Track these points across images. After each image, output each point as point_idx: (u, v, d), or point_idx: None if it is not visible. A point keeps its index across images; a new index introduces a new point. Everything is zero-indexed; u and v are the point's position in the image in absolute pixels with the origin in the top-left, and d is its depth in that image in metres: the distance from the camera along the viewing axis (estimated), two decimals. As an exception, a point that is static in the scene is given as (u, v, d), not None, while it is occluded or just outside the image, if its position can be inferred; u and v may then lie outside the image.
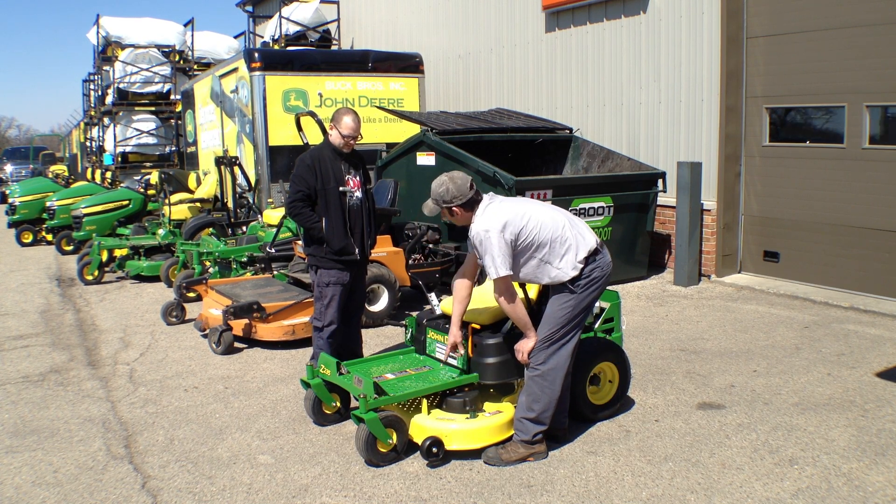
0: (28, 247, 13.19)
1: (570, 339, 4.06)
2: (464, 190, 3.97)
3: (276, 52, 13.58)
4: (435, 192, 4.02)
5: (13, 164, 29.32)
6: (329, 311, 5.10)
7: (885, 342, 6.14)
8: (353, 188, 5.13)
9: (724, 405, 4.85)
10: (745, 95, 8.54)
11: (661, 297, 7.97)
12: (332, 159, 5.09)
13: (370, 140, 11.40)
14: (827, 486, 3.75)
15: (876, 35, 7.29)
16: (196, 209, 11.25)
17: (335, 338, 5.17)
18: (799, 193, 8.13)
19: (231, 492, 3.85)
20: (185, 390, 5.39)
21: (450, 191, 3.96)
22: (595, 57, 10.16)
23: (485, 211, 3.97)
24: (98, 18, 18.33)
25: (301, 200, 5.04)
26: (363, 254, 5.22)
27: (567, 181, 8.53)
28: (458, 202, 3.97)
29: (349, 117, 5.04)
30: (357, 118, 5.09)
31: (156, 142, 18.78)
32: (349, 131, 5.02)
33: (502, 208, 3.97)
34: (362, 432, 4.01)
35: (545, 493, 3.74)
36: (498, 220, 3.88)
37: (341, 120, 5.03)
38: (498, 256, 3.83)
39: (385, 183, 7.82)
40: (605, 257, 4.13)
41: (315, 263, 5.17)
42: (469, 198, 3.98)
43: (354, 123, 5.04)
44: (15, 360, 6.23)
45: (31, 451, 4.38)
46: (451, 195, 3.96)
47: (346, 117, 5.04)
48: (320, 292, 5.15)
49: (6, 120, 72.22)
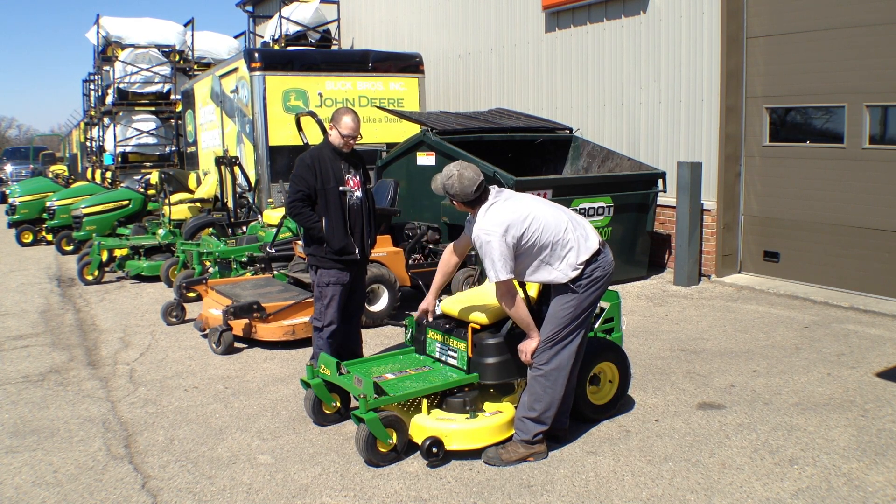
0: (28, 247, 13.19)
1: (573, 340, 4.05)
2: (468, 192, 3.96)
3: (276, 52, 13.58)
4: (443, 183, 4.02)
5: (13, 164, 29.32)
6: (329, 311, 5.10)
7: (885, 342, 6.14)
8: (353, 188, 5.13)
9: (724, 405, 4.85)
10: (745, 95, 8.54)
11: (661, 297, 7.97)
12: (332, 159, 5.09)
13: (370, 140, 11.40)
14: (827, 486, 3.75)
15: (876, 35, 7.29)
16: (196, 209, 11.25)
17: (335, 338, 5.16)
18: (799, 193, 8.13)
19: (231, 492, 3.85)
20: (185, 390, 5.39)
21: (454, 186, 3.96)
22: (595, 57, 10.17)
23: (488, 211, 3.95)
24: (98, 18, 18.34)
25: (301, 200, 5.04)
26: (363, 253, 5.21)
27: (567, 181, 8.53)
28: (459, 199, 3.99)
29: (349, 117, 5.04)
30: (357, 118, 5.08)
31: (156, 142, 18.78)
32: (349, 131, 5.03)
33: (506, 208, 3.94)
34: (362, 432, 4.01)
35: (545, 493, 3.74)
36: (500, 224, 3.87)
37: (341, 120, 5.04)
38: (498, 261, 3.83)
39: (385, 183, 7.82)
40: (608, 257, 4.12)
41: (315, 263, 5.17)
42: (471, 200, 3.98)
43: (354, 123, 5.04)
44: (15, 360, 6.23)
45: (31, 451, 4.38)
46: (454, 190, 3.97)
47: (345, 117, 5.04)
48: (320, 292, 5.15)
49: (6, 120, 72.27)
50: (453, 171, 4.00)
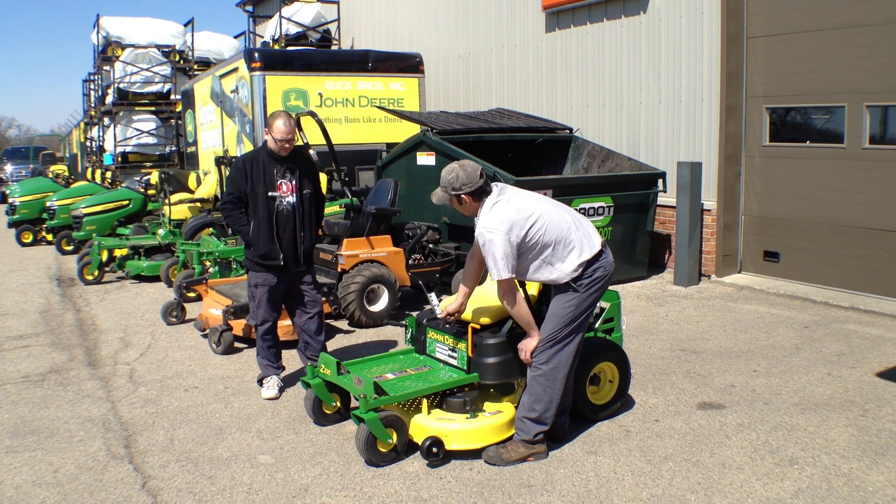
0: (28, 247, 13.19)
1: (572, 340, 4.05)
2: (473, 177, 3.94)
3: (276, 52, 13.58)
4: (444, 179, 3.99)
5: (13, 164, 29.31)
6: (260, 310, 5.18)
7: (885, 342, 6.14)
8: (285, 193, 5.06)
9: (725, 405, 4.85)
10: (745, 95, 8.54)
11: (661, 297, 7.97)
12: (267, 163, 5.03)
13: (370, 140, 11.45)
14: (827, 486, 3.75)
15: (876, 35, 7.29)
16: (196, 209, 11.24)
17: (271, 333, 5.25)
18: (799, 193, 8.13)
19: (231, 492, 3.85)
20: (186, 390, 5.39)
21: (459, 177, 3.93)
22: (595, 57, 10.17)
23: (492, 208, 3.93)
24: (98, 18, 18.35)
25: (231, 203, 5.09)
26: (295, 260, 5.12)
27: (567, 181, 8.53)
28: (468, 189, 3.93)
29: (281, 121, 4.96)
30: (289, 120, 5.00)
31: (156, 142, 18.79)
32: (281, 135, 4.94)
33: (510, 207, 3.92)
34: (362, 432, 4.01)
35: (545, 493, 3.74)
36: (504, 222, 3.85)
37: (273, 124, 4.97)
38: (501, 259, 3.82)
39: (385, 183, 7.82)
40: (608, 257, 4.12)
41: (245, 265, 5.27)
42: (478, 186, 3.94)
43: (286, 127, 4.95)
44: (15, 360, 6.23)
45: (31, 451, 4.38)
46: (460, 182, 3.93)
47: (277, 121, 4.96)
48: (251, 293, 5.23)
49: (6, 120, 72.32)
50: (453, 165, 4.01)
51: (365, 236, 7.22)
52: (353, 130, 11.47)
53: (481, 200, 3.98)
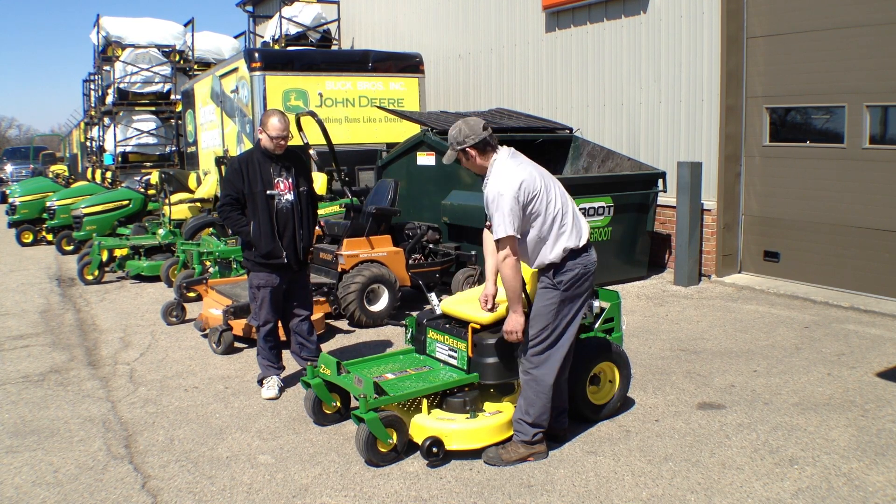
0: (28, 247, 13.20)
1: (559, 345, 4.02)
2: (477, 129, 3.94)
3: (276, 52, 13.58)
4: (450, 136, 4.02)
5: (13, 164, 29.32)
6: (262, 311, 5.18)
7: (885, 342, 6.14)
8: (283, 191, 5.07)
9: (725, 405, 4.85)
10: (745, 95, 8.54)
11: (661, 297, 7.97)
12: (262, 162, 5.04)
13: (370, 140, 11.45)
14: (827, 486, 3.75)
15: (876, 35, 7.29)
16: (196, 209, 11.24)
17: (273, 334, 5.25)
18: (799, 193, 8.13)
19: (231, 492, 3.85)
20: (186, 390, 5.39)
21: (462, 131, 3.95)
22: (595, 57, 10.17)
23: (504, 167, 3.93)
24: (98, 18, 18.35)
25: (229, 204, 5.08)
26: (295, 258, 5.15)
27: (567, 181, 8.46)
28: (472, 141, 3.93)
29: (275, 118, 4.97)
30: (284, 118, 5.01)
31: (156, 142, 18.79)
32: (277, 132, 4.96)
33: (522, 169, 3.92)
34: (362, 432, 4.01)
35: (545, 493, 3.74)
36: (515, 179, 3.84)
37: (268, 122, 4.98)
38: (507, 215, 3.81)
39: (385, 183, 7.82)
40: (592, 256, 4.10)
41: (246, 266, 5.25)
42: (482, 138, 3.94)
43: (281, 124, 4.96)
44: (15, 360, 6.23)
45: (31, 451, 4.38)
46: (463, 135, 3.94)
47: (272, 119, 4.97)
48: (252, 294, 5.23)
49: (6, 120, 72.32)
50: (458, 122, 4.02)
51: (365, 236, 7.22)
52: (353, 130, 11.47)
53: (488, 155, 3.98)
